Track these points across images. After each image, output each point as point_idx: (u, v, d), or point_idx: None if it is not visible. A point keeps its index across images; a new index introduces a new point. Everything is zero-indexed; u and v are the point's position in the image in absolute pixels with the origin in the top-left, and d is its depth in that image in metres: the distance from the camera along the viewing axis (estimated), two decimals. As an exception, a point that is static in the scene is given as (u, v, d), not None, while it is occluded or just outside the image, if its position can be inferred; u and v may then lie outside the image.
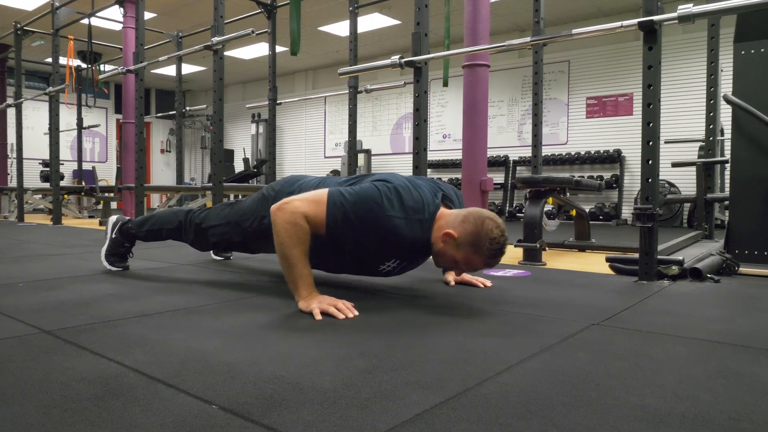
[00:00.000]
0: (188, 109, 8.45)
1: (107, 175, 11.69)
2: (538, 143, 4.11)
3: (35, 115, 10.81)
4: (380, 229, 1.65)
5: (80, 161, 8.38)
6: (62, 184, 6.81)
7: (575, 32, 2.50)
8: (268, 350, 1.22)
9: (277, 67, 6.21)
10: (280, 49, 7.41)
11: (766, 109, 2.60)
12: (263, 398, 0.93)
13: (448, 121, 9.22)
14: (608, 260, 2.59)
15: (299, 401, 0.92)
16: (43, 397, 0.93)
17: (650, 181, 2.25)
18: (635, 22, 2.25)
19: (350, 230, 1.68)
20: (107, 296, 1.85)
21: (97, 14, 6.32)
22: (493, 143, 7.85)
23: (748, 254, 2.65)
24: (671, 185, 6.97)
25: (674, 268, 2.30)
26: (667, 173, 6.65)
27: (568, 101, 8.01)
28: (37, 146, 10.38)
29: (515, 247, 2.89)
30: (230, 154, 11.81)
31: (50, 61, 6.07)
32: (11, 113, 8.70)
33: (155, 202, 11.71)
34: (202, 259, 2.87)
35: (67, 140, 10.87)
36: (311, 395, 0.95)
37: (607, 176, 7.56)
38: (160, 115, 10.30)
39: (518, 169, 8.42)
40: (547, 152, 7.74)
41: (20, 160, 6.38)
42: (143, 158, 4.45)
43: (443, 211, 1.73)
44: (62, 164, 6.79)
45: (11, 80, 9.70)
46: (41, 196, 7.65)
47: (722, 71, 3.67)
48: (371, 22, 7.96)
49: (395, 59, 3.05)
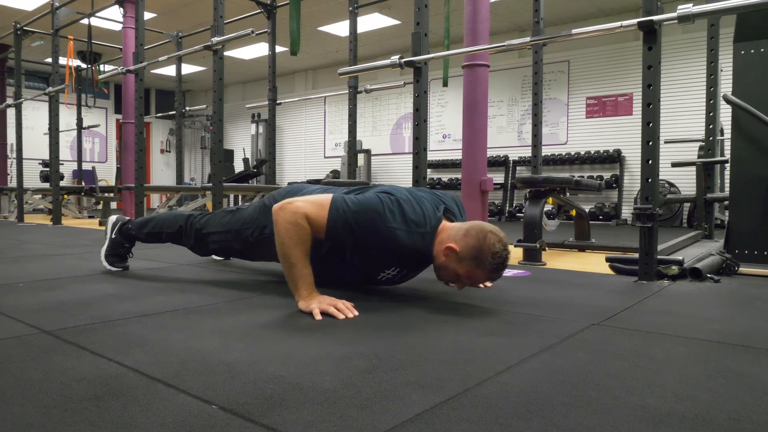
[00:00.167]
0: (188, 109, 8.45)
1: (107, 175, 11.70)
2: (537, 143, 4.11)
3: (35, 115, 10.81)
4: (381, 239, 1.66)
5: (80, 161, 8.38)
6: (62, 184, 6.81)
7: (575, 32, 2.50)
8: (268, 350, 1.22)
9: (276, 67, 6.21)
10: (279, 49, 7.41)
11: (765, 109, 2.60)
12: (263, 398, 0.93)
13: (448, 121, 9.23)
14: (608, 260, 2.59)
15: (299, 401, 0.92)
16: (43, 397, 0.93)
17: (650, 181, 2.25)
18: (635, 22, 2.25)
19: (350, 238, 1.69)
20: (107, 296, 1.85)
21: (96, 14, 6.33)
22: (492, 143, 7.85)
23: (747, 254, 2.65)
24: (671, 185, 6.97)
25: (674, 268, 2.30)
26: (666, 173, 6.65)
27: (567, 101, 8.01)
28: (36, 146, 10.38)
29: (515, 247, 2.89)
30: (230, 154, 11.82)
31: (50, 61, 6.08)
32: (11, 113, 8.70)
33: (155, 202, 11.71)
34: (201, 259, 2.87)
35: (66, 140, 10.89)
36: (311, 395, 0.95)
37: (606, 176, 7.56)
38: (159, 115, 10.31)
39: (518, 169, 8.42)
40: (546, 152, 7.74)
41: (20, 160, 6.38)
42: (143, 158, 4.45)
43: (445, 224, 1.74)
44: (62, 164, 6.79)
45: (11, 80, 9.70)
46: (41, 196, 7.65)
47: (722, 71, 3.67)
48: (371, 22, 7.96)
49: (395, 59, 3.05)
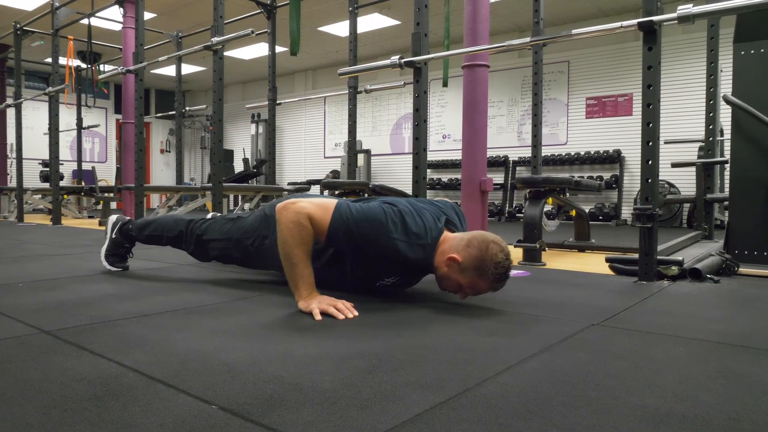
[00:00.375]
0: (188, 109, 8.45)
1: (107, 175, 11.70)
2: (537, 143, 4.11)
3: (35, 115, 10.81)
4: (382, 249, 1.66)
5: (80, 161, 8.38)
6: (62, 184, 6.80)
7: (575, 32, 2.50)
8: (268, 350, 1.22)
9: (276, 67, 6.22)
10: (279, 49, 7.41)
11: (765, 109, 2.60)
12: (263, 398, 0.93)
13: (447, 121, 9.23)
14: (608, 260, 2.59)
15: (299, 401, 0.92)
16: (42, 397, 0.93)
17: (650, 181, 2.25)
18: (635, 22, 2.25)
19: (351, 246, 1.70)
20: (107, 296, 1.85)
21: (96, 14, 6.32)
22: (492, 143, 7.85)
23: (747, 254, 2.65)
24: (671, 185, 6.97)
25: (674, 268, 2.30)
26: (666, 173, 6.65)
27: (567, 101, 8.01)
28: (36, 146, 10.38)
29: (515, 247, 2.89)
30: (230, 154, 11.82)
31: (50, 61, 6.08)
32: (11, 113, 8.70)
33: (155, 202, 11.71)
34: (201, 259, 2.87)
35: (66, 140, 10.88)
36: (311, 395, 0.95)
37: (606, 176, 7.56)
38: (159, 115, 10.31)
39: (518, 169, 8.42)
40: (546, 152, 7.74)
41: (20, 160, 6.38)
42: (143, 158, 4.45)
43: (446, 235, 1.74)
44: (62, 164, 6.79)
45: (11, 80, 9.70)
46: (41, 196, 7.65)
47: (722, 71, 3.67)
48: (371, 22, 7.96)
49: (395, 59, 3.05)
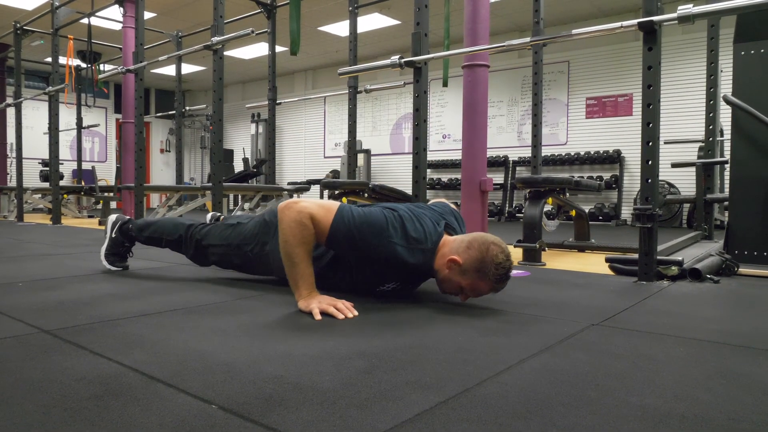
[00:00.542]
0: (188, 108, 8.45)
1: (107, 174, 11.69)
2: (537, 143, 4.11)
3: (35, 114, 10.80)
4: (383, 253, 1.66)
5: (80, 161, 8.38)
6: (62, 183, 6.80)
7: (575, 32, 2.50)
8: (267, 350, 1.22)
9: (276, 67, 6.21)
10: (279, 49, 7.41)
11: (765, 109, 2.60)
12: (263, 398, 0.93)
13: (447, 121, 9.22)
14: (608, 260, 2.59)
15: (299, 401, 0.92)
16: (42, 396, 0.93)
17: (650, 181, 2.25)
18: (635, 22, 2.25)
19: (352, 249, 1.70)
20: (107, 296, 1.84)
21: (96, 14, 6.32)
22: (492, 143, 7.85)
23: (747, 255, 2.65)
24: (671, 186, 6.97)
25: (674, 268, 2.30)
26: (666, 174, 6.65)
27: (567, 101, 8.01)
28: (36, 146, 10.38)
29: (515, 247, 2.89)
30: (230, 154, 11.82)
31: (50, 60, 6.07)
32: (11, 113, 8.70)
33: (155, 201, 11.71)
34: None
35: (66, 140, 10.88)
36: (311, 395, 0.95)
37: (606, 177, 7.56)
38: (159, 114, 10.31)
39: (518, 169, 8.42)
40: (546, 152, 7.74)
41: (20, 159, 6.38)
42: (143, 158, 4.44)
43: (446, 238, 1.74)
44: (62, 164, 6.80)
45: (11, 80, 9.70)
46: (41, 195, 7.65)
47: (722, 72, 3.67)
48: (371, 22, 7.96)
49: (395, 59, 3.05)
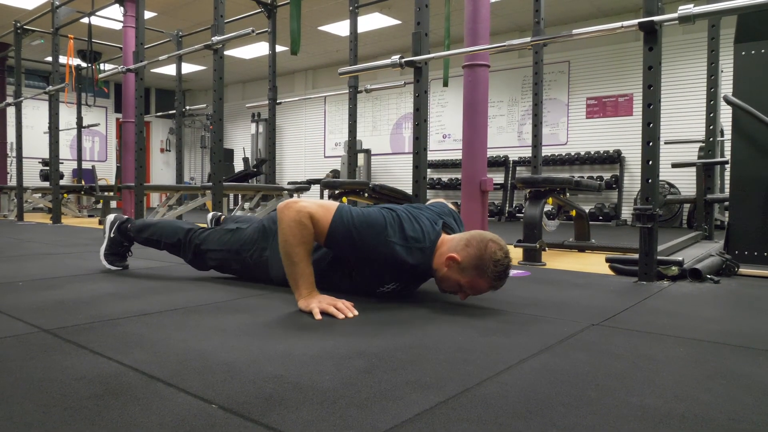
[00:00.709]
0: (188, 108, 8.44)
1: (107, 174, 11.69)
2: (538, 143, 4.11)
3: (35, 114, 10.80)
4: (382, 253, 1.66)
5: (80, 160, 8.38)
6: (62, 183, 6.80)
7: (576, 32, 2.50)
8: (267, 349, 1.22)
9: (277, 66, 6.21)
10: (280, 48, 7.41)
11: (766, 109, 2.60)
12: (263, 397, 0.93)
13: (448, 121, 9.22)
14: (608, 260, 2.59)
15: (299, 401, 0.92)
16: (42, 396, 0.93)
17: (650, 181, 2.25)
18: (636, 22, 2.25)
19: (351, 249, 1.70)
20: (107, 295, 1.84)
21: (97, 13, 6.32)
22: (493, 143, 7.85)
23: (747, 255, 2.65)
24: (671, 186, 6.97)
25: (674, 268, 2.30)
26: (666, 174, 6.65)
27: (568, 101, 8.01)
28: (36, 145, 10.38)
29: (515, 247, 2.89)
30: (230, 153, 11.81)
31: (50, 60, 6.07)
32: (11, 112, 8.70)
33: (155, 201, 11.70)
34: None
35: (66, 139, 10.88)
36: (311, 395, 0.95)
37: (606, 177, 7.56)
38: (159, 114, 10.30)
39: (518, 169, 8.42)
40: (546, 152, 7.73)
41: (20, 158, 6.38)
42: (143, 157, 4.44)
43: (444, 237, 1.75)
44: (62, 163, 6.79)
45: (11, 79, 9.70)
46: (41, 195, 7.64)
47: (722, 72, 3.67)
48: (371, 21, 7.96)
49: (395, 59, 3.05)
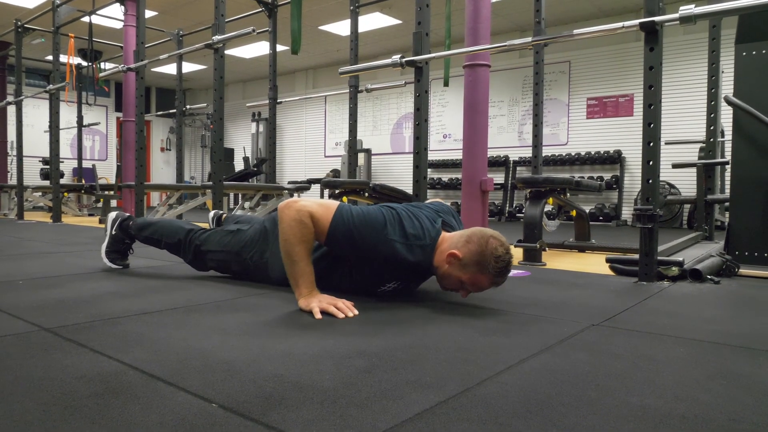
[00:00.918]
0: (188, 107, 8.44)
1: (107, 173, 11.69)
2: (538, 143, 4.11)
3: (35, 112, 10.81)
4: (382, 252, 1.66)
5: (80, 159, 8.38)
6: (62, 181, 6.81)
7: (576, 32, 2.50)
8: (267, 348, 1.22)
9: (277, 66, 6.21)
10: (280, 48, 7.40)
11: (766, 110, 2.60)
12: (263, 397, 0.93)
13: (448, 120, 9.22)
14: (608, 261, 2.59)
15: (299, 400, 0.92)
16: (42, 394, 0.93)
17: (651, 182, 2.25)
18: (637, 22, 2.25)
19: (351, 248, 1.70)
20: (107, 294, 1.84)
21: (97, 12, 6.32)
22: (493, 143, 7.83)
23: (748, 255, 2.65)
24: (671, 186, 6.97)
25: (674, 269, 2.30)
26: (667, 174, 6.65)
27: (568, 102, 8.00)
28: (37, 144, 10.38)
29: (515, 247, 2.89)
30: (230, 152, 11.81)
31: (51, 58, 6.07)
32: (11, 111, 8.70)
33: (155, 200, 11.71)
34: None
35: (67, 138, 10.87)
36: (311, 394, 0.95)
37: (607, 177, 7.56)
38: (160, 113, 10.31)
39: (518, 169, 8.41)
40: (547, 153, 7.73)
41: (20, 157, 6.38)
42: (143, 156, 4.44)
43: (445, 235, 1.75)
44: (62, 162, 6.79)
45: (12, 78, 9.69)
46: (41, 193, 7.64)
47: (723, 72, 3.67)
48: (372, 21, 7.96)
49: (396, 59, 3.05)
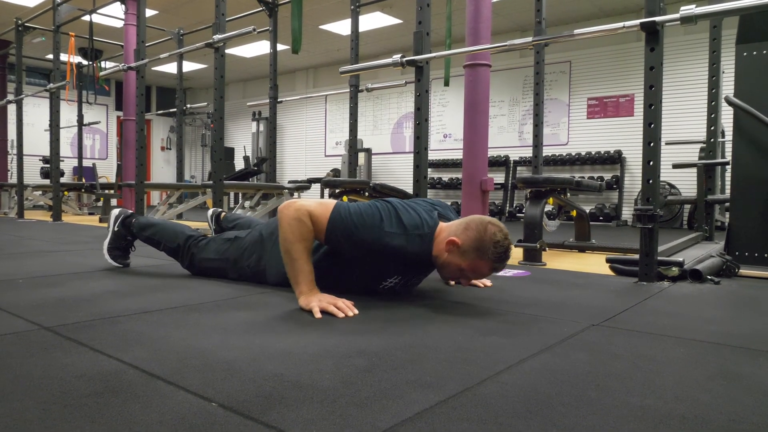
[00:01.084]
0: (189, 106, 8.44)
1: (107, 172, 11.69)
2: (538, 143, 4.11)
3: (36, 111, 10.81)
4: (380, 244, 1.66)
5: (80, 158, 8.38)
6: (62, 180, 6.81)
7: (577, 32, 2.50)
8: (267, 348, 1.22)
9: (278, 65, 6.20)
10: (281, 47, 7.41)
11: (767, 110, 2.60)
12: (263, 396, 0.93)
13: (448, 120, 9.22)
14: (608, 261, 2.59)
15: (299, 399, 0.92)
16: (42, 393, 0.93)
17: (651, 182, 2.25)
18: (638, 22, 2.24)
19: (350, 244, 1.70)
20: (107, 293, 1.84)
21: (98, 11, 6.32)
22: (493, 143, 7.81)
23: (748, 256, 2.65)
24: (672, 186, 6.97)
25: (674, 269, 2.30)
26: (667, 174, 6.65)
27: (569, 102, 8.00)
28: (37, 143, 10.37)
29: (515, 247, 2.88)
30: (231, 152, 11.81)
31: (51, 57, 6.07)
32: (12, 109, 8.70)
33: (155, 199, 11.71)
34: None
35: (67, 137, 10.87)
36: (311, 393, 0.95)
37: (607, 177, 7.55)
38: (160, 112, 10.31)
39: (519, 169, 8.41)
40: (547, 153, 7.73)
41: (20, 156, 6.38)
42: (143, 155, 4.44)
43: (442, 225, 1.75)
44: (62, 161, 6.78)
45: (12, 76, 9.69)
46: (41, 192, 7.64)
47: (724, 73, 3.67)
48: (373, 20, 7.95)
49: (397, 58, 3.05)
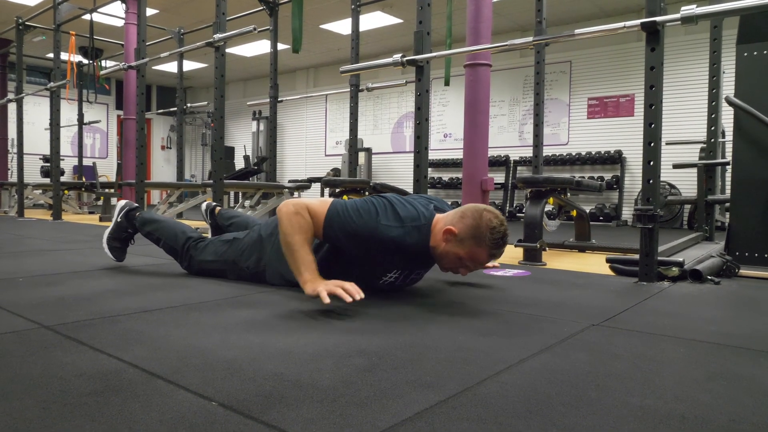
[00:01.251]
0: (189, 105, 8.44)
1: (108, 171, 11.69)
2: (539, 143, 4.11)
3: (36, 110, 10.80)
4: (378, 238, 1.67)
5: (81, 157, 8.38)
6: (62, 179, 6.80)
7: (578, 32, 2.50)
8: (267, 347, 1.22)
9: (278, 64, 6.20)
10: (281, 46, 7.41)
11: (767, 110, 2.60)
12: (263, 395, 0.93)
13: (449, 120, 9.22)
14: (608, 261, 2.59)
15: (299, 398, 0.92)
16: (42, 392, 0.93)
17: (651, 182, 2.25)
18: (638, 22, 2.24)
19: (348, 239, 1.71)
20: (107, 292, 1.85)
21: (98, 10, 6.31)
22: (493, 143, 7.82)
23: (748, 256, 2.65)
24: (672, 187, 6.97)
25: (674, 269, 2.30)
26: (667, 175, 6.65)
27: (569, 101, 8.00)
28: (37, 142, 10.37)
29: (515, 247, 2.89)
30: (231, 151, 11.81)
31: (52, 56, 6.07)
32: (12, 108, 8.70)
33: (155, 198, 11.71)
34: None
35: (67, 136, 10.87)
36: (311, 393, 0.95)
37: (607, 177, 7.56)
38: (161, 111, 10.32)
39: (519, 169, 8.41)
40: (547, 152, 7.73)
41: (21, 155, 6.38)
42: (144, 154, 4.44)
43: (439, 216, 1.76)
44: (63, 160, 6.78)
45: (12, 75, 9.69)
46: (41, 191, 7.65)
47: (724, 73, 3.66)
48: (373, 20, 7.95)
49: (397, 58, 3.05)
